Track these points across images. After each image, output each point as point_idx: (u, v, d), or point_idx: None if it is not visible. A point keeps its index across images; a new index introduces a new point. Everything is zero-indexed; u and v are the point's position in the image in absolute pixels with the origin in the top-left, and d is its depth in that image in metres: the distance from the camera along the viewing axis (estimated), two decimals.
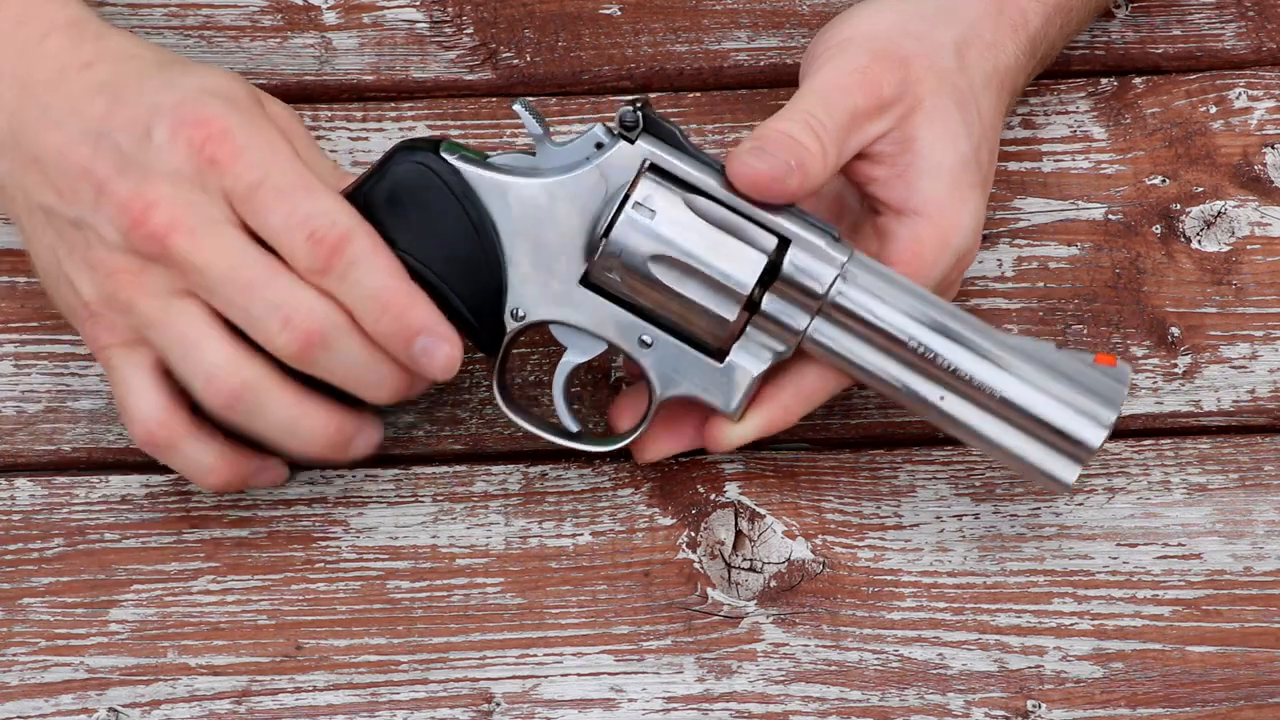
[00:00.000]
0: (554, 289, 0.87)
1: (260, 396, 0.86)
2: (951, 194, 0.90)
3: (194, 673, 0.89)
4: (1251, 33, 1.05)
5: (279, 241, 0.85)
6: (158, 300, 0.85)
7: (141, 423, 0.87)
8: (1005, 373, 0.86)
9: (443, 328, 0.86)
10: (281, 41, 1.05)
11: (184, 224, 0.84)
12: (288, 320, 0.84)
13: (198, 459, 0.88)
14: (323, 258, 0.84)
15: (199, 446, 0.88)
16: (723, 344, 0.87)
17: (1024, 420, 0.86)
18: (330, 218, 0.85)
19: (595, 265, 0.87)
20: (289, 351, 0.85)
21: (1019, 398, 0.86)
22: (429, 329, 0.86)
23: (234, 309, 0.85)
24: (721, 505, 0.93)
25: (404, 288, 0.86)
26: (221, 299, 0.85)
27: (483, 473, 0.94)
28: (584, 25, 1.06)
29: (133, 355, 0.87)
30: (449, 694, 0.89)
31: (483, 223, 0.87)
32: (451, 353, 0.86)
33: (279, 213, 0.84)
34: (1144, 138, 1.02)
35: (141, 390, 0.87)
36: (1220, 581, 0.92)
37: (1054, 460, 0.86)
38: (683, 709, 0.89)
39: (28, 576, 0.91)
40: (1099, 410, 0.86)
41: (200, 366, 0.85)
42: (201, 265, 0.84)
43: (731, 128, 1.03)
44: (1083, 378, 0.86)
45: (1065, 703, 0.89)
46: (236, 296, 0.84)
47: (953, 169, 0.90)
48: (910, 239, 0.89)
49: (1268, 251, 1.00)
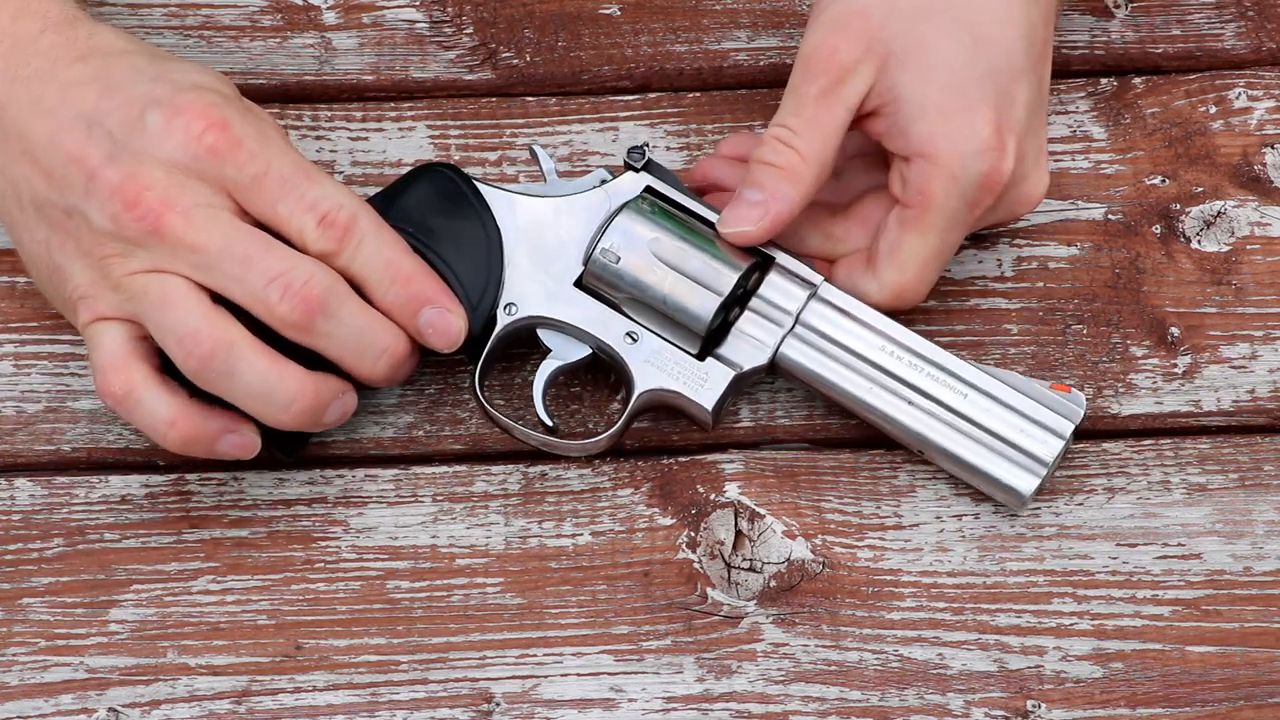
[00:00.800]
0: (549, 288, 0.92)
1: (235, 357, 0.86)
2: (945, 127, 0.90)
3: (194, 673, 0.89)
4: (1251, 33, 1.05)
5: (288, 227, 0.87)
6: (145, 275, 0.86)
7: (101, 373, 0.87)
8: (967, 387, 0.91)
9: (449, 300, 0.90)
10: (281, 41, 1.05)
11: (178, 205, 0.85)
12: (288, 287, 0.85)
13: (155, 411, 0.87)
14: (335, 239, 0.87)
15: (157, 398, 0.87)
16: (702, 351, 0.92)
17: (982, 432, 0.90)
18: (337, 200, 0.87)
19: (587, 272, 0.92)
20: (291, 319, 0.86)
21: (978, 410, 0.90)
22: (436, 299, 0.89)
23: (231, 283, 0.86)
24: (721, 505, 0.93)
25: (411, 261, 0.89)
26: (218, 274, 0.85)
27: (483, 473, 0.94)
28: (584, 25, 1.06)
29: (113, 325, 0.87)
30: (449, 694, 0.89)
31: (489, 225, 0.93)
32: (457, 324, 0.90)
33: (287, 200, 0.87)
34: (1144, 138, 1.02)
35: (107, 346, 0.87)
36: (1220, 581, 0.92)
37: (1012, 472, 0.90)
38: (682, 709, 0.89)
39: (28, 576, 0.91)
40: (1058, 422, 0.90)
41: (176, 326, 0.85)
42: (197, 244, 0.85)
43: (731, 127, 1.03)
44: (1041, 397, 0.91)
45: (1065, 703, 0.89)
46: (234, 269, 0.85)
47: (939, 104, 0.90)
48: (917, 182, 0.91)
49: (1267, 251, 1.00)
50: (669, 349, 0.92)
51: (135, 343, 0.87)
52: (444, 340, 0.90)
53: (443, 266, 0.92)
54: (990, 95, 0.91)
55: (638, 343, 0.92)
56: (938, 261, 0.93)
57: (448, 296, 0.90)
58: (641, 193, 0.93)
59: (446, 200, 0.93)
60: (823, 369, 0.91)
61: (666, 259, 0.91)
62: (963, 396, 0.91)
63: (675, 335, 0.92)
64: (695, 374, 0.91)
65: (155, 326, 0.86)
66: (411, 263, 0.89)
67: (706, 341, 0.91)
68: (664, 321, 0.91)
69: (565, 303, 0.92)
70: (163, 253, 0.85)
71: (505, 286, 0.92)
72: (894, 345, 0.91)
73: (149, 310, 0.86)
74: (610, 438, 0.92)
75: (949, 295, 0.98)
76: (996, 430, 0.90)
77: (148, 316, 0.86)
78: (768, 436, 0.95)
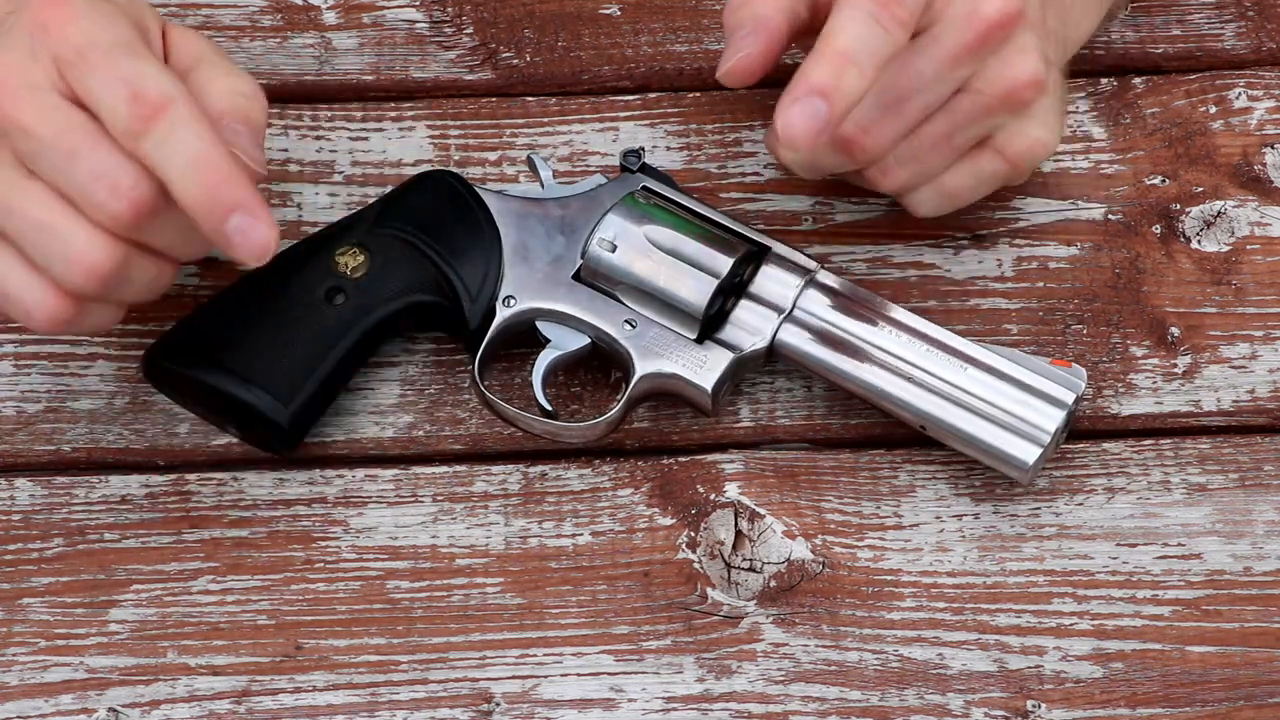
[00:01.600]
0: (547, 281, 0.93)
1: (129, 266, 0.84)
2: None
3: (194, 673, 0.89)
4: (1251, 33, 1.05)
5: (100, 103, 0.82)
6: (3, 177, 0.83)
7: (41, 309, 0.84)
8: (966, 362, 0.91)
9: (261, 209, 0.82)
10: (281, 41, 1.05)
11: (8, 84, 0.82)
12: (114, 187, 0.82)
13: (101, 318, 0.86)
14: (142, 118, 0.81)
15: (99, 308, 0.86)
16: (700, 335, 0.93)
17: (984, 404, 0.90)
18: (155, 80, 0.82)
19: (584, 264, 0.93)
20: (121, 221, 0.82)
21: (978, 384, 0.91)
22: (247, 206, 0.82)
23: (60, 175, 0.82)
24: (721, 505, 0.93)
25: (224, 161, 0.82)
26: (48, 164, 0.82)
27: (483, 473, 0.94)
28: (584, 25, 1.06)
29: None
30: (449, 694, 0.89)
31: (487, 224, 0.94)
32: (268, 234, 0.82)
33: (102, 74, 0.82)
34: (1144, 138, 1.02)
35: (24, 283, 0.84)
36: (1220, 581, 0.92)
37: (1014, 443, 0.90)
38: (682, 709, 0.89)
39: (28, 576, 0.91)
40: (1060, 393, 0.90)
41: (61, 249, 0.83)
42: (26, 128, 0.82)
43: (731, 127, 1.03)
44: (1042, 370, 0.91)
45: (1065, 703, 0.89)
46: (61, 161, 0.82)
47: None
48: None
49: (1267, 251, 1.00)
50: (667, 334, 0.92)
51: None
52: (251, 252, 0.82)
53: (442, 263, 0.93)
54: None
55: (636, 329, 0.92)
56: (874, 61, 0.86)
57: (260, 205, 0.82)
58: (637, 189, 0.95)
59: (445, 202, 0.94)
60: (822, 353, 0.92)
61: (662, 246, 0.92)
62: (963, 370, 0.91)
63: (673, 321, 0.92)
64: (694, 357, 0.92)
65: (32, 250, 0.84)
66: (226, 163, 0.81)
67: (705, 326, 0.92)
68: (661, 308, 0.92)
69: (563, 294, 0.93)
70: (3, 136, 0.82)
71: (504, 280, 0.93)
72: (892, 325, 0.92)
73: (23, 232, 0.83)
74: (609, 423, 0.92)
75: (949, 295, 0.98)
76: (998, 403, 0.90)
77: (23, 238, 0.83)
78: (768, 436, 0.95)
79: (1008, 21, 0.90)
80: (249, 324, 0.89)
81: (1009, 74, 0.91)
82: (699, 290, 0.91)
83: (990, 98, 0.91)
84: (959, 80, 0.91)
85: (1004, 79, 0.91)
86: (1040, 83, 0.91)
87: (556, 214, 0.95)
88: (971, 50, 0.90)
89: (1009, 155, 0.94)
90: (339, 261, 0.93)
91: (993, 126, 0.93)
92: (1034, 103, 0.92)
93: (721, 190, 1.01)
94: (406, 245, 0.93)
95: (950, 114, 0.92)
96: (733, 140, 1.03)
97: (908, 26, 0.87)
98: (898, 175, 0.93)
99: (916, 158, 0.93)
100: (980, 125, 0.92)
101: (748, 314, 0.93)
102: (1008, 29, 0.90)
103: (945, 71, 0.90)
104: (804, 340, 0.92)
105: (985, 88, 0.91)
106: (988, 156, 0.94)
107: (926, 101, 0.91)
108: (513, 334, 0.94)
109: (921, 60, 0.90)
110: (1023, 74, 0.91)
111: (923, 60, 0.90)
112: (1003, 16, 0.89)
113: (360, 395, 0.96)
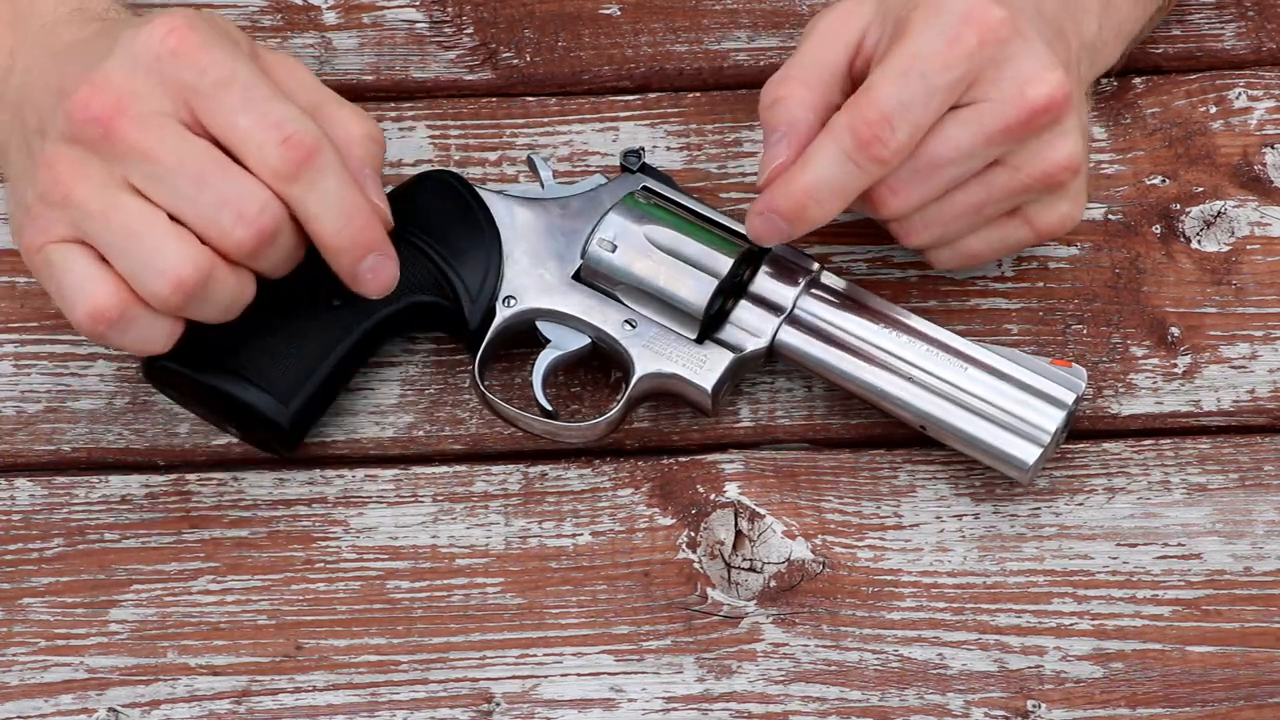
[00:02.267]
0: (547, 281, 0.93)
1: (214, 284, 0.84)
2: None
3: (194, 673, 0.89)
4: (1251, 33, 1.05)
5: (246, 142, 0.83)
6: (98, 191, 0.83)
7: (82, 293, 0.84)
8: (966, 362, 0.91)
9: (391, 250, 0.88)
10: (281, 41, 1.05)
11: (129, 110, 0.82)
12: (240, 214, 0.83)
13: (153, 325, 0.85)
14: (295, 162, 0.83)
15: (150, 314, 0.85)
16: (700, 336, 0.93)
17: (984, 404, 0.90)
18: (304, 124, 0.84)
19: (584, 264, 0.93)
20: (243, 248, 0.83)
21: (978, 384, 0.91)
22: (382, 248, 0.87)
23: (181, 200, 0.83)
24: (721, 505, 0.93)
25: (368, 204, 0.87)
26: (168, 188, 0.83)
27: (483, 473, 0.94)
28: (584, 25, 1.06)
29: (71, 249, 0.84)
30: (449, 694, 0.89)
31: (487, 224, 0.94)
32: (394, 271, 0.88)
33: (251, 113, 0.83)
34: (1144, 138, 1.02)
35: (79, 267, 0.84)
36: (1220, 581, 0.92)
37: (1014, 443, 0.90)
38: (683, 709, 0.89)
39: (28, 576, 0.91)
40: (1060, 392, 0.90)
41: (151, 258, 0.83)
42: (148, 153, 0.82)
43: (731, 127, 1.03)
44: (1042, 370, 0.91)
45: (1065, 703, 0.89)
46: (186, 187, 0.83)
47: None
48: (898, 18, 0.88)
49: (1267, 251, 1.00)
50: (667, 334, 0.92)
51: (108, 266, 0.84)
52: (379, 287, 0.88)
53: (442, 263, 0.93)
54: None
55: (636, 329, 0.92)
56: (911, 110, 0.87)
57: (390, 247, 0.88)
58: (638, 189, 0.94)
59: (446, 202, 0.94)
60: (822, 352, 0.92)
61: (662, 246, 0.92)
62: (963, 370, 0.91)
63: (673, 321, 0.92)
64: (694, 357, 0.92)
65: (119, 258, 0.83)
66: (368, 205, 0.86)
67: (705, 326, 0.92)
68: (661, 308, 0.92)
69: (564, 295, 0.93)
70: (115, 165, 0.83)
71: (504, 280, 0.93)
72: (892, 326, 0.92)
73: (111, 240, 0.83)
74: (610, 423, 0.93)
75: (949, 295, 0.98)
76: (998, 403, 0.90)
77: (111, 245, 0.83)
78: (768, 436, 0.95)
79: (1054, 107, 0.88)
80: (249, 324, 0.89)
81: (1050, 156, 0.90)
82: (699, 290, 0.91)
83: (1027, 176, 0.90)
84: (995, 155, 0.89)
85: (1044, 160, 0.90)
86: (1077, 166, 0.90)
87: (557, 214, 0.95)
88: (1013, 132, 0.88)
89: (1037, 226, 0.93)
90: None
91: (1024, 201, 0.92)
92: (1068, 185, 0.91)
93: (721, 190, 1.01)
94: (407, 245, 0.93)
95: (985, 187, 0.90)
96: (733, 140, 1.03)
97: (889, 164, 0.87)
98: (922, 235, 0.92)
99: (943, 222, 0.91)
100: (1012, 200, 0.91)
101: (748, 314, 0.93)
102: (1054, 114, 0.88)
103: (981, 147, 0.89)
104: (804, 340, 0.92)
105: (1023, 165, 0.90)
106: (1015, 225, 0.93)
107: (959, 173, 0.89)
108: (513, 334, 0.94)
109: (960, 133, 0.88)
110: (1062, 157, 0.89)
111: (961, 133, 0.88)
112: (1049, 102, 0.88)
113: (360, 395, 0.96)
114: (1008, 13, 0.87)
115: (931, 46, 0.87)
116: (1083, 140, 0.91)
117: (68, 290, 0.84)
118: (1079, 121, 0.90)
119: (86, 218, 0.83)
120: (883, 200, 0.89)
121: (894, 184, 0.89)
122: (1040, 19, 0.89)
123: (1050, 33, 0.90)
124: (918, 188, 0.89)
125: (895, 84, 0.86)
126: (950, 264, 0.95)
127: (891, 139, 0.86)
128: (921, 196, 0.90)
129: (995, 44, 0.87)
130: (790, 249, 0.94)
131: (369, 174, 0.88)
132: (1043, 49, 0.88)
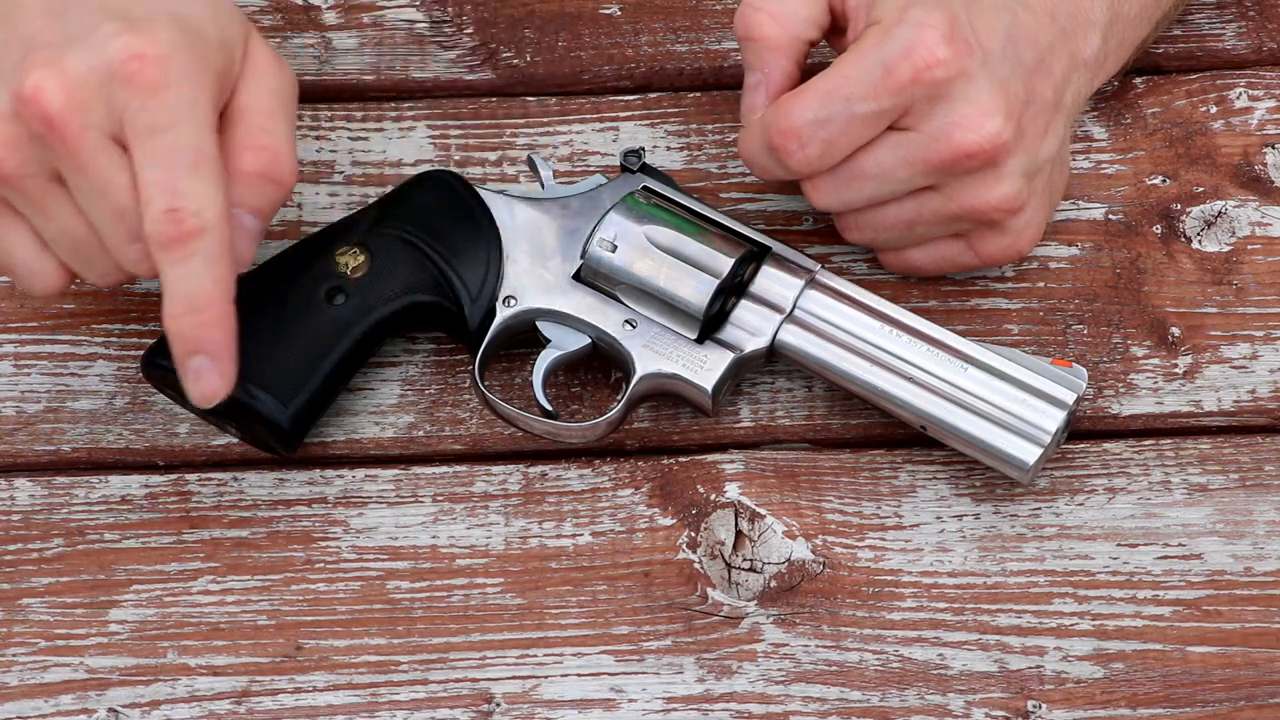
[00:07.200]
0: (547, 281, 0.93)
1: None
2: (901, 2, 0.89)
3: (194, 673, 0.89)
4: (1252, 33, 1.05)
5: (142, 191, 0.82)
6: (38, 180, 0.84)
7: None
8: (967, 362, 0.91)
9: (226, 361, 0.85)
10: (281, 41, 1.05)
11: (74, 120, 0.81)
12: (134, 236, 0.83)
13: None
14: (168, 236, 0.82)
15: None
16: (700, 336, 0.92)
17: (984, 404, 0.90)
18: (199, 205, 0.82)
19: (584, 264, 0.93)
20: (129, 260, 0.84)
21: (978, 384, 0.91)
22: (216, 353, 0.84)
23: (83, 200, 0.83)
24: (721, 505, 0.93)
25: (224, 309, 0.84)
26: (74, 185, 0.83)
27: (483, 473, 0.94)
28: (584, 25, 1.06)
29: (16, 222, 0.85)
30: (449, 694, 0.89)
31: (487, 224, 0.94)
32: (218, 386, 0.85)
33: (158, 170, 0.82)
34: (1144, 138, 1.02)
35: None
36: (1221, 582, 0.92)
37: (1015, 443, 0.90)
38: (683, 709, 0.89)
39: (28, 576, 0.91)
40: (1060, 393, 0.90)
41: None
42: (74, 157, 0.82)
43: (731, 128, 1.03)
44: (1042, 370, 0.91)
45: (1065, 703, 0.89)
46: (90, 195, 0.83)
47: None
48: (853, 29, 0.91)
49: (1268, 251, 1.00)
50: (667, 334, 0.92)
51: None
52: (199, 393, 0.85)
53: (442, 263, 0.93)
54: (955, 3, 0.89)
55: (636, 329, 0.93)
56: (826, 129, 0.88)
57: (228, 357, 0.84)
58: (638, 189, 0.95)
59: (445, 202, 0.94)
60: (823, 352, 0.92)
61: (663, 246, 0.92)
62: (963, 370, 0.91)
63: (673, 321, 0.92)
64: (694, 357, 0.92)
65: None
66: (223, 310, 0.83)
67: (705, 326, 0.92)
68: (661, 308, 0.92)
69: (564, 295, 0.93)
70: (52, 155, 0.83)
71: (504, 280, 0.93)
72: (892, 326, 0.92)
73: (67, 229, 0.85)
74: (610, 423, 0.93)
75: (949, 295, 0.98)
76: (998, 403, 0.90)
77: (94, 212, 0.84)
78: (768, 436, 0.95)
79: (982, 154, 0.89)
80: (249, 324, 0.89)
81: (983, 195, 0.91)
82: (699, 290, 0.91)
83: (958, 207, 0.91)
84: (925, 183, 0.91)
85: (976, 198, 0.91)
86: (1012, 207, 0.91)
87: (557, 214, 0.95)
88: (938, 168, 0.90)
89: (980, 253, 0.95)
90: (339, 261, 0.93)
91: (961, 230, 0.93)
92: (1004, 222, 0.92)
93: (721, 190, 1.01)
94: (407, 245, 0.93)
95: (917, 206, 0.92)
96: (733, 140, 1.03)
97: (798, 173, 0.91)
98: (855, 235, 0.95)
99: (875, 229, 0.94)
100: (948, 226, 0.93)
101: (748, 314, 0.93)
102: (983, 159, 0.89)
103: (905, 173, 0.90)
104: (804, 340, 0.92)
105: (954, 197, 0.91)
106: (960, 247, 0.95)
107: (886, 189, 0.91)
108: (513, 334, 0.94)
109: (887, 155, 0.90)
110: (995, 199, 0.91)
111: (888, 155, 0.90)
112: (977, 149, 0.88)
113: (360, 395, 0.96)
114: (953, 53, 0.87)
115: (865, 73, 0.88)
116: (1025, 181, 0.91)
117: (20, 275, 0.87)
118: (1023, 163, 0.91)
119: (29, 204, 0.85)
120: (807, 193, 0.92)
121: (816, 183, 0.92)
122: (1009, 54, 0.90)
123: (1017, 70, 0.89)
124: (838, 193, 0.92)
125: (817, 101, 0.89)
126: (894, 269, 0.97)
127: (798, 152, 0.89)
128: (844, 201, 0.92)
129: (931, 83, 0.88)
130: (791, 249, 0.94)
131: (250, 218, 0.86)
132: (987, 94, 0.88)
